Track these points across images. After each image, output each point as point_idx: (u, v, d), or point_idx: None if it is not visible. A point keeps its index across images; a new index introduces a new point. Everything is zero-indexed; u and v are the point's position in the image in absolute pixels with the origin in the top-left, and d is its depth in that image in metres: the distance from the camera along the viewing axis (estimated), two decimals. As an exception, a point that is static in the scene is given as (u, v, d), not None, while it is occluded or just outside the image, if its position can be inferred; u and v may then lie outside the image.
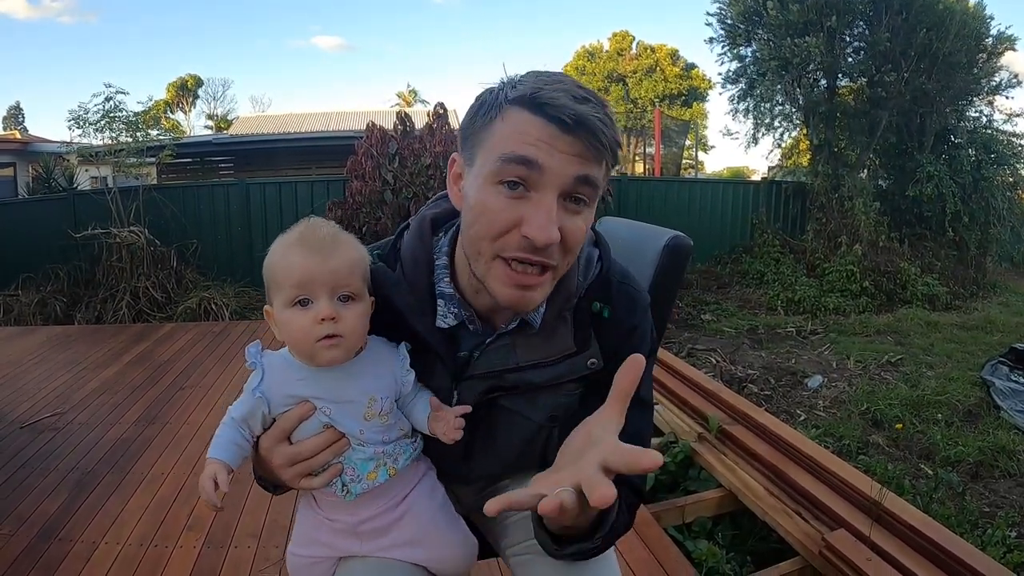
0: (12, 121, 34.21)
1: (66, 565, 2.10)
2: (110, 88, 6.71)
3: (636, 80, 26.62)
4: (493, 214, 0.75)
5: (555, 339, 0.87)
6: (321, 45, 67.24)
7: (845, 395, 4.41)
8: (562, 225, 0.74)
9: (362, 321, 0.84)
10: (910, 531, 2.08)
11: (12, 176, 11.95)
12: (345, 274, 0.82)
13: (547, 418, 0.91)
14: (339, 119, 17.24)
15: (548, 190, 0.73)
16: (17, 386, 3.97)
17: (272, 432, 0.86)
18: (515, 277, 0.76)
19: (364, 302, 0.84)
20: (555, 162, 0.72)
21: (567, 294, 0.86)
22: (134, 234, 6.51)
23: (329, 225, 0.87)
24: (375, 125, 6.37)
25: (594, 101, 0.74)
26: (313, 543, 0.95)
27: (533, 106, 0.73)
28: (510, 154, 0.72)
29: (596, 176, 0.75)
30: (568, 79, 0.77)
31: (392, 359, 0.88)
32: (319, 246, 0.82)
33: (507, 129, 0.74)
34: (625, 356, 0.83)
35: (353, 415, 0.86)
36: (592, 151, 0.73)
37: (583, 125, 0.72)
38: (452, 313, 0.88)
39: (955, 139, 9.03)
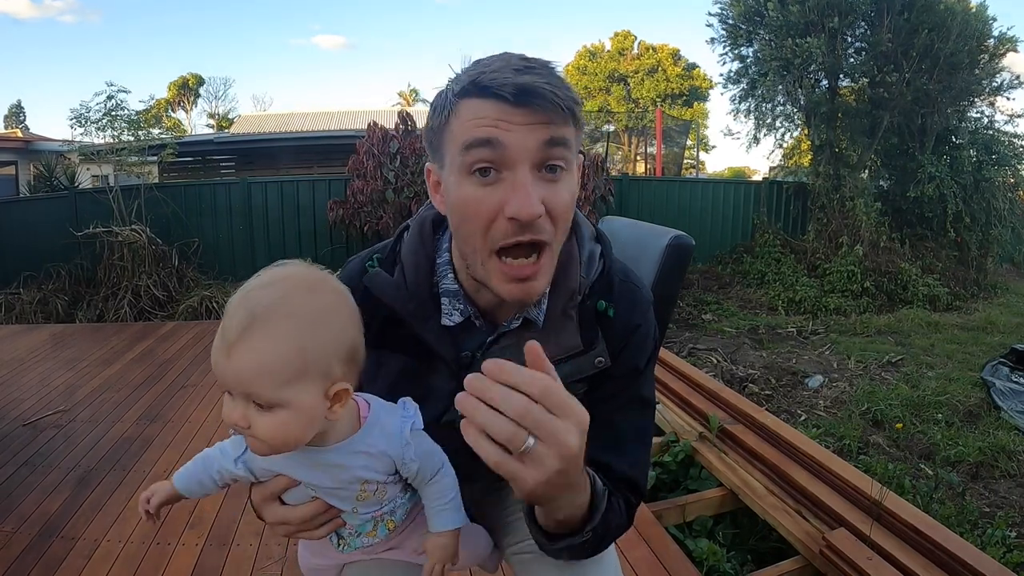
0: (14, 119, 34.25)
1: (68, 563, 2.10)
2: (112, 87, 6.72)
3: (638, 80, 26.62)
4: (475, 206, 0.73)
5: (561, 338, 0.85)
6: (322, 44, 67.29)
7: (846, 395, 4.41)
8: (543, 197, 0.72)
9: (282, 431, 0.67)
10: (910, 531, 2.08)
11: (14, 175, 11.95)
12: (249, 379, 0.66)
13: None
14: (340, 118, 17.26)
15: (519, 166, 0.71)
16: (19, 384, 3.98)
17: (260, 491, 0.81)
18: (513, 271, 0.75)
19: (288, 408, 0.67)
20: (515, 138, 0.70)
21: (570, 291, 0.85)
22: (135, 233, 6.51)
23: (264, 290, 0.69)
24: (376, 124, 6.39)
25: (538, 68, 0.72)
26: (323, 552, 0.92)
27: (477, 91, 0.71)
28: (470, 139, 0.71)
29: (565, 136, 0.73)
30: (509, 55, 0.75)
31: (391, 440, 0.77)
32: (230, 333, 0.66)
33: (461, 121, 0.73)
34: (629, 354, 0.87)
35: (344, 499, 0.79)
36: (550, 115, 0.71)
37: (529, 93, 0.69)
38: (458, 310, 0.86)
39: (956, 140, 9.02)
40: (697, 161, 21.06)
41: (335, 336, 0.70)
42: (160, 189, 7.20)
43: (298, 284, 0.71)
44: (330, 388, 0.69)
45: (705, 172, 25.20)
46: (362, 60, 70.69)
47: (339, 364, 0.71)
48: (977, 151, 8.91)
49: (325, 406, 0.70)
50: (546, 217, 0.73)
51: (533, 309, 0.85)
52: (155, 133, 7.44)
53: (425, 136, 0.81)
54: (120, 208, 6.64)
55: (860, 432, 3.73)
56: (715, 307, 7.21)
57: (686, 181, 10.66)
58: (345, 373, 0.72)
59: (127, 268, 6.47)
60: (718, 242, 8.92)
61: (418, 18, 69.65)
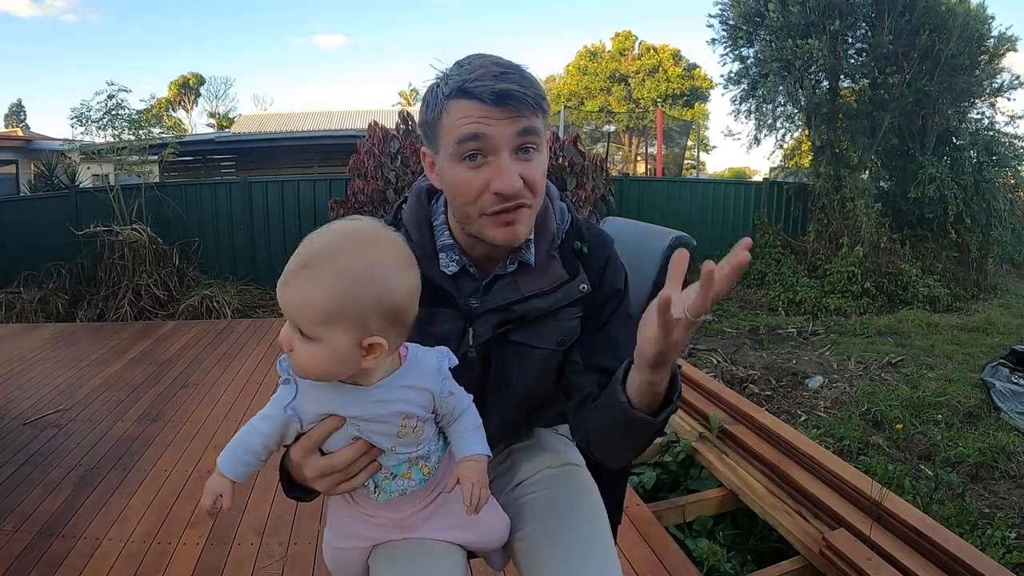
0: (14, 118, 34.26)
1: (69, 562, 2.11)
2: (112, 86, 6.72)
3: (638, 80, 26.61)
4: (466, 184, 0.91)
5: (550, 272, 1.02)
6: (323, 44, 67.36)
7: (846, 396, 4.42)
8: (521, 172, 0.90)
9: (314, 362, 0.76)
10: (910, 531, 2.08)
11: (14, 173, 11.95)
12: (292, 311, 0.76)
13: (556, 343, 1.04)
14: (341, 118, 17.27)
15: (500, 151, 0.89)
16: (20, 383, 3.98)
17: (303, 443, 0.85)
18: (499, 219, 0.92)
19: (322, 344, 0.75)
20: (497, 130, 0.88)
21: (551, 235, 1.03)
22: (136, 232, 6.52)
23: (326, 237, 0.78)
24: (377, 124, 6.38)
25: (512, 73, 0.89)
26: (353, 537, 0.95)
27: (464, 94, 0.88)
28: (461, 135, 0.89)
29: (535, 125, 0.91)
30: (484, 59, 0.91)
31: (432, 376, 0.84)
32: (290, 268, 0.76)
33: (452, 119, 0.90)
34: (608, 279, 1.06)
35: (385, 433, 0.83)
36: (523, 108, 0.88)
37: (506, 97, 0.87)
38: (454, 261, 1.02)
39: (957, 141, 9.02)
40: (698, 161, 21.06)
41: (375, 292, 0.75)
42: (161, 188, 7.20)
43: (355, 240, 0.78)
44: (364, 339, 0.76)
45: (705, 173, 25.20)
46: (363, 60, 70.86)
47: (376, 319, 0.76)
48: (977, 152, 8.91)
49: (359, 354, 0.76)
50: (525, 187, 0.91)
51: (525, 253, 1.02)
52: (156, 132, 7.43)
53: (420, 124, 0.98)
54: (121, 207, 6.64)
55: (860, 433, 3.74)
56: (715, 307, 7.19)
57: (687, 181, 10.67)
58: (382, 329, 0.77)
59: (128, 267, 6.47)
60: (718, 242, 8.88)
61: (419, 18, 69.76)
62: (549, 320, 1.03)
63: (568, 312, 1.03)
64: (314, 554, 2.13)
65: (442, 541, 0.95)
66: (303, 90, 69.01)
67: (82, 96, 12.10)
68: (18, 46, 58.08)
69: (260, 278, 7.19)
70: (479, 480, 0.85)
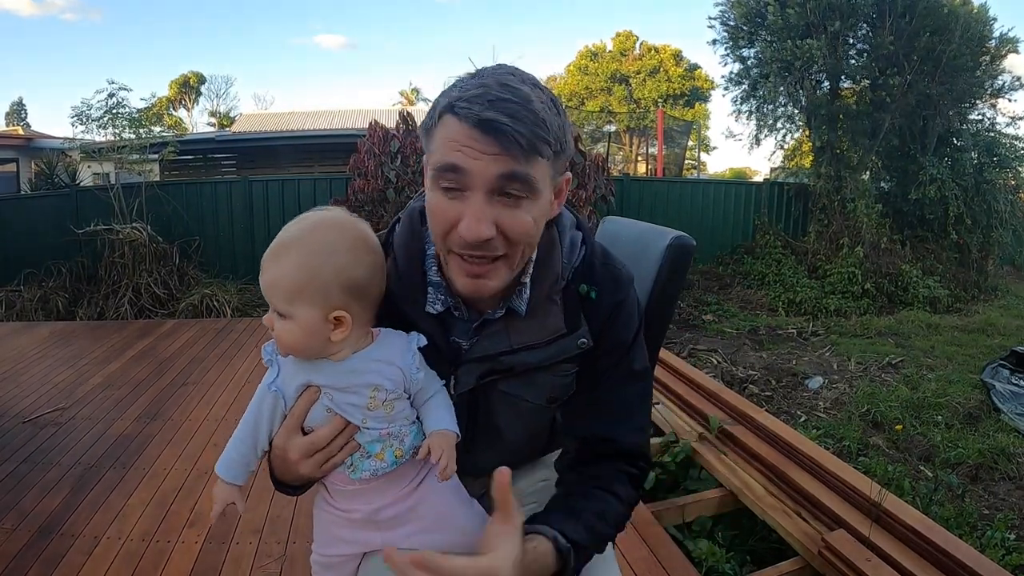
0: (15, 117, 34.26)
1: (68, 560, 2.10)
2: (113, 85, 6.72)
3: (639, 80, 26.58)
4: (438, 214, 0.80)
5: (547, 321, 0.90)
6: (323, 43, 67.36)
7: (845, 396, 4.42)
8: (500, 220, 0.78)
9: (289, 336, 0.84)
10: (909, 532, 2.08)
11: (15, 172, 11.95)
12: (267, 290, 0.85)
13: (546, 399, 0.95)
14: (342, 117, 17.26)
15: (475, 191, 0.77)
16: (19, 381, 3.98)
17: (286, 424, 0.88)
18: (467, 267, 0.81)
19: (293, 320, 0.83)
20: (477, 165, 0.75)
21: (554, 277, 0.90)
22: (136, 231, 6.52)
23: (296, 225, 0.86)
24: (377, 123, 6.39)
25: (513, 103, 0.75)
26: (335, 541, 0.96)
27: (453, 112, 0.76)
28: (440, 163, 0.78)
29: (524, 172, 0.76)
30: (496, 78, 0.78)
31: (403, 353, 0.89)
32: (267, 253, 0.85)
33: (441, 136, 0.78)
34: (616, 330, 0.93)
35: (356, 404, 0.87)
36: (512, 148, 0.74)
37: (490, 128, 0.74)
38: (440, 299, 0.91)
39: (958, 142, 9.03)
40: (698, 162, 21.06)
41: (335, 269, 0.82)
42: (161, 187, 7.21)
43: (322, 225, 0.85)
44: (330, 313, 0.83)
45: (706, 173, 25.19)
46: (363, 59, 70.82)
47: (338, 294, 0.83)
48: (978, 153, 8.92)
49: (327, 327, 0.84)
50: (500, 237, 0.79)
51: (516, 299, 0.90)
52: (156, 131, 7.43)
53: (420, 131, 0.87)
54: (121, 206, 6.64)
55: (860, 433, 3.73)
56: (716, 308, 7.21)
57: (687, 182, 10.67)
58: (345, 303, 0.83)
59: (128, 266, 6.47)
60: (719, 243, 8.92)
61: (419, 17, 69.74)
62: (542, 373, 0.93)
63: (563, 368, 0.93)
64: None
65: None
66: (304, 89, 69.05)
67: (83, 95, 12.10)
68: (19, 45, 58.15)
69: None
70: (448, 451, 0.87)
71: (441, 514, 0.94)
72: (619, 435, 0.94)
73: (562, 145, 0.80)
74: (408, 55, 69.90)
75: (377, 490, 0.92)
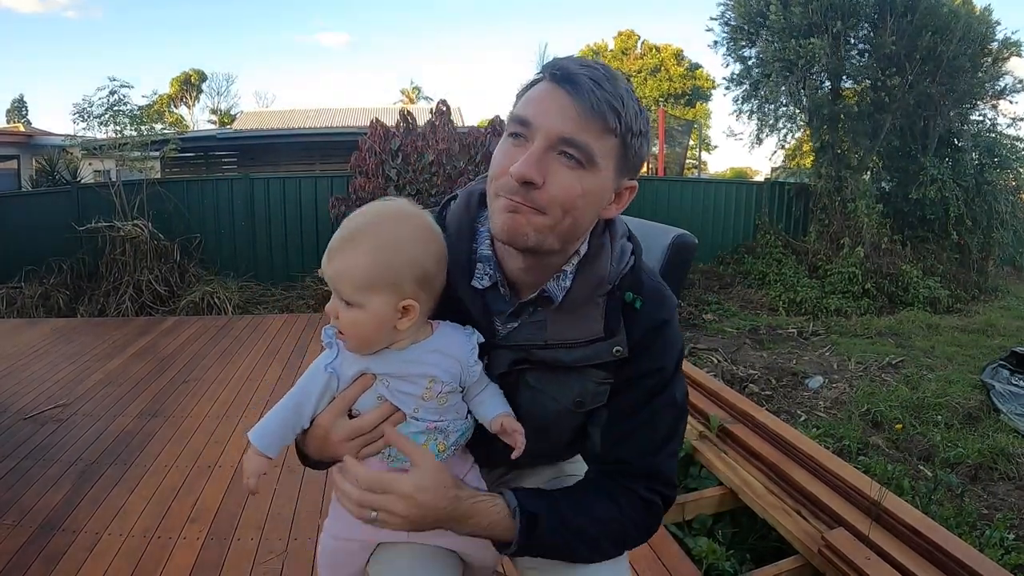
0: (16, 114, 34.20)
1: (69, 556, 2.11)
2: (114, 82, 6.71)
3: (641, 79, 26.57)
4: (500, 156, 0.83)
5: (585, 322, 0.89)
6: (325, 41, 67.34)
7: (846, 396, 4.42)
8: (551, 175, 0.79)
9: (357, 327, 0.85)
10: (909, 531, 2.09)
11: (16, 169, 11.95)
12: (335, 280, 0.85)
13: (573, 403, 0.93)
14: (343, 115, 17.28)
15: (537, 140, 0.79)
16: (21, 378, 3.99)
17: (334, 405, 0.90)
18: (507, 204, 0.81)
19: (363, 309, 0.84)
20: (545, 119, 0.79)
21: (599, 278, 0.89)
22: (137, 228, 6.52)
23: (363, 216, 0.87)
24: (379, 122, 6.39)
25: (599, 69, 0.80)
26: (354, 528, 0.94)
27: (543, 70, 0.83)
28: (513, 115, 0.83)
29: (584, 141, 0.79)
30: (595, 61, 0.83)
31: (462, 346, 0.90)
32: (333, 245, 0.86)
33: (526, 96, 0.84)
34: (656, 352, 0.92)
35: (411, 392, 0.89)
36: (582, 104, 0.78)
37: (570, 80, 0.78)
38: (487, 274, 0.92)
39: (958, 143, 9.02)
40: (699, 161, 21.02)
41: (408, 260, 0.84)
42: (162, 184, 7.19)
43: (390, 216, 0.87)
44: (400, 302, 0.84)
45: (707, 172, 25.16)
46: (365, 58, 70.71)
47: (410, 284, 0.85)
48: (979, 154, 8.92)
49: (395, 316, 0.85)
50: (546, 191, 0.79)
51: (552, 284, 0.90)
52: (157, 128, 7.44)
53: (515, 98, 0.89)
54: (122, 203, 6.64)
55: (860, 433, 3.74)
56: (716, 307, 7.22)
57: (688, 181, 10.64)
58: (415, 293, 0.85)
59: (129, 263, 6.47)
60: (719, 242, 8.92)
61: (421, 16, 69.62)
62: (572, 374, 0.92)
63: (595, 373, 0.91)
64: (314, 550, 2.13)
65: (439, 548, 0.96)
66: (305, 87, 68.89)
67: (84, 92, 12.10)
68: (20, 42, 58.08)
69: (261, 275, 7.20)
70: (519, 427, 0.91)
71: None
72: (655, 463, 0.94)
73: (633, 137, 0.82)
74: (410, 54, 69.86)
75: None
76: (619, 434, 0.93)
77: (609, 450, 0.94)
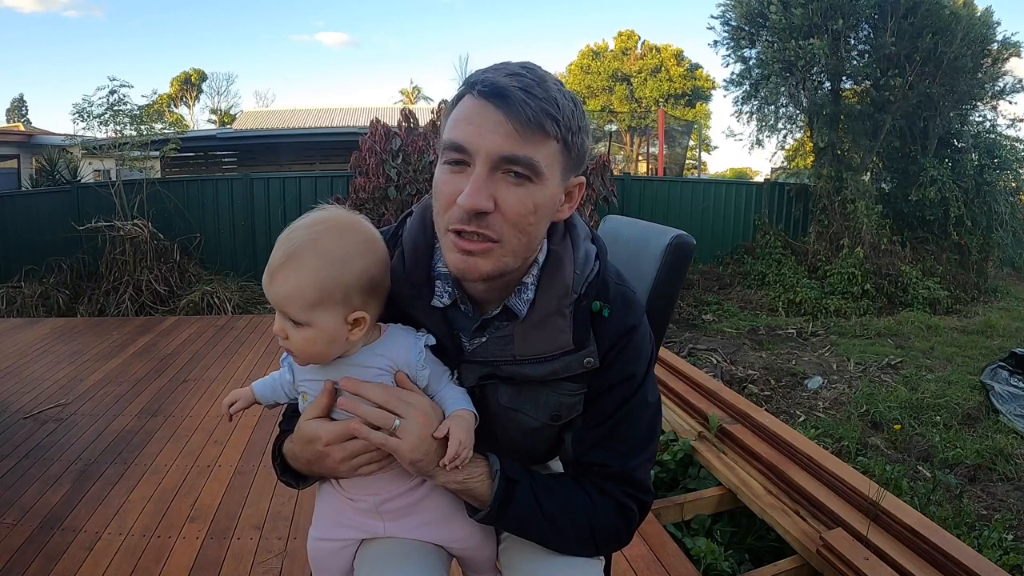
0: (16, 113, 34.23)
1: (69, 554, 2.11)
2: (114, 81, 6.72)
3: (641, 80, 26.57)
4: (441, 188, 0.80)
5: (554, 335, 0.86)
6: (325, 41, 67.39)
7: (845, 396, 4.42)
8: (499, 196, 0.77)
9: (309, 344, 0.83)
10: (907, 531, 2.09)
11: (16, 168, 11.96)
12: (282, 302, 0.83)
13: (549, 417, 0.92)
14: (343, 115, 17.27)
15: (478, 163, 0.76)
16: (20, 377, 3.99)
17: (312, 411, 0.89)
18: (460, 244, 0.79)
19: (313, 327, 0.82)
20: (481, 140, 0.76)
21: (564, 288, 0.86)
22: (137, 227, 6.52)
23: (301, 230, 0.84)
24: (379, 121, 6.38)
25: (526, 75, 0.77)
26: (338, 526, 0.97)
27: (468, 88, 0.79)
28: (447, 141, 0.79)
29: (526, 156, 0.76)
30: (518, 63, 0.80)
31: (408, 349, 0.88)
32: (272, 264, 0.83)
33: (453, 116, 0.80)
34: (626, 358, 0.90)
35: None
36: (518, 118, 0.75)
37: (497, 95, 0.75)
38: (447, 292, 0.90)
39: (958, 143, 9.01)
40: (699, 161, 21.04)
41: (356, 272, 0.83)
42: (162, 184, 7.20)
43: (330, 227, 0.84)
44: (349, 315, 0.83)
45: (707, 173, 25.19)
46: (365, 57, 70.82)
47: (358, 295, 0.84)
48: (979, 155, 8.90)
49: (346, 329, 0.84)
50: (499, 215, 0.78)
51: (514, 298, 0.88)
52: (157, 128, 7.44)
53: (442, 121, 0.87)
54: (122, 202, 6.64)
55: (859, 433, 3.74)
56: (715, 307, 7.22)
57: (688, 181, 10.65)
58: (364, 302, 0.84)
59: (129, 262, 6.48)
60: (719, 242, 8.93)
61: (421, 16, 69.69)
62: (544, 389, 0.90)
63: (567, 386, 0.90)
64: (313, 549, 2.14)
65: (424, 542, 0.96)
66: (305, 87, 69.01)
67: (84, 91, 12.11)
68: (21, 41, 58.15)
69: (261, 274, 6.95)
70: (466, 438, 0.86)
71: (445, 512, 0.95)
72: (629, 467, 0.93)
73: (573, 136, 0.80)
74: (410, 53, 69.89)
75: (388, 480, 0.92)
76: (594, 439, 0.92)
77: (584, 454, 0.93)
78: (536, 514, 0.90)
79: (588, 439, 0.92)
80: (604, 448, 0.92)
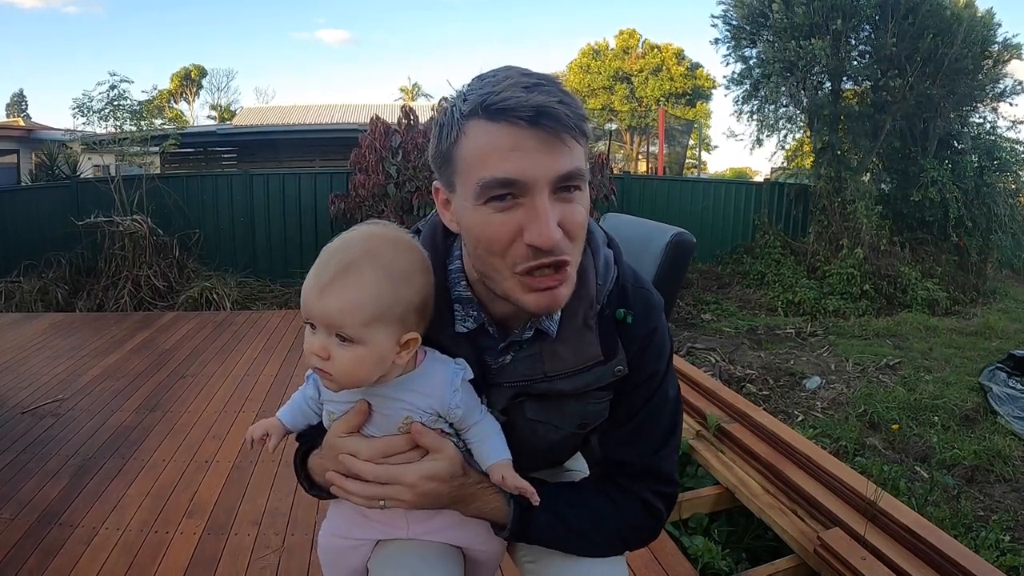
0: (16, 108, 34.18)
1: (67, 549, 2.11)
2: (114, 77, 6.70)
3: (642, 79, 26.55)
4: (492, 232, 0.73)
5: (582, 348, 0.85)
6: (326, 38, 67.35)
7: (843, 397, 4.42)
8: (560, 218, 0.72)
9: (357, 366, 0.77)
10: (904, 532, 2.09)
11: (15, 163, 11.94)
12: (335, 316, 0.76)
13: (576, 426, 0.92)
14: (343, 112, 17.25)
15: (537, 192, 0.71)
16: (19, 372, 3.99)
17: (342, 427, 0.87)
18: (538, 283, 0.74)
19: (366, 346, 0.77)
20: (538, 168, 0.70)
21: (589, 300, 0.84)
22: (137, 223, 6.50)
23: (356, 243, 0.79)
24: (379, 118, 6.38)
25: (546, 84, 0.71)
26: (357, 524, 0.95)
27: (488, 114, 0.70)
28: (488, 179, 0.70)
29: (576, 165, 0.72)
30: (512, 70, 0.74)
31: (443, 386, 0.84)
32: (324, 275, 0.77)
33: (473, 147, 0.72)
34: (648, 359, 0.90)
35: (386, 429, 0.86)
36: (562, 135, 0.70)
37: (544, 115, 0.68)
38: (471, 316, 0.87)
39: (958, 145, 9.01)
40: (699, 161, 21.03)
41: (415, 290, 0.79)
42: (162, 180, 7.19)
43: (388, 241, 0.80)
44: (403, 335, 0.79)
45: (707, 172, 25.17)
46: (365, 55, 70.66)
47: (414, 315, 0.80)
48: (979, 156, 8.90)
49: (395, 350, 0.79)
50: (568, 236, 0.74)
51: (546, 320, 0.85)
52: (157, 124, 7.43)
53: (431, 156, 0.80)
54: (122, 198, 6.63)
55: (857, 433, 3.74)
56: (714, 307, 7.22)
57: (688, 180, 10.64)
58: (417, 324, 0.81)
59: (128, 258, 6.47)
60: (718, 242, 8.92)
61: (421, 14, 69.62)
62: (573, 400, 0.89)
63: (596, 395, 0.89)
64: (311, 545, 2.14)
65: (441, 544, 0.95)
66: (305, 84, 68.85)
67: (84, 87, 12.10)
68: (20, 37, 58.04)
69: (260, 271, 7.21)
70: (514, 479, 0.86)
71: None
72: (655, 460, 0.93)
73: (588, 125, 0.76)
74: (410, 51, 69.82)
75: None
76: (619, 438, 0.92)
77: (610, 454, 0.94)
78: (560, 529, 0.90)
79: (613, 438, 0.92)
80: (630, 445, 0.92)
